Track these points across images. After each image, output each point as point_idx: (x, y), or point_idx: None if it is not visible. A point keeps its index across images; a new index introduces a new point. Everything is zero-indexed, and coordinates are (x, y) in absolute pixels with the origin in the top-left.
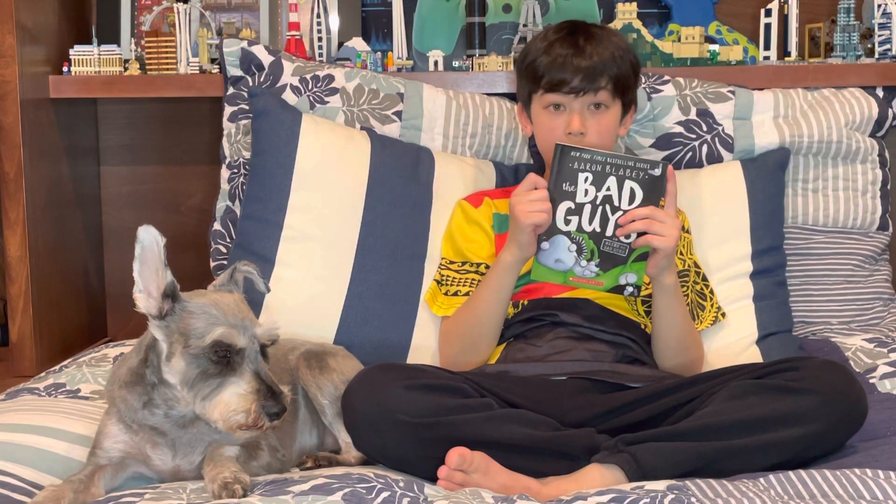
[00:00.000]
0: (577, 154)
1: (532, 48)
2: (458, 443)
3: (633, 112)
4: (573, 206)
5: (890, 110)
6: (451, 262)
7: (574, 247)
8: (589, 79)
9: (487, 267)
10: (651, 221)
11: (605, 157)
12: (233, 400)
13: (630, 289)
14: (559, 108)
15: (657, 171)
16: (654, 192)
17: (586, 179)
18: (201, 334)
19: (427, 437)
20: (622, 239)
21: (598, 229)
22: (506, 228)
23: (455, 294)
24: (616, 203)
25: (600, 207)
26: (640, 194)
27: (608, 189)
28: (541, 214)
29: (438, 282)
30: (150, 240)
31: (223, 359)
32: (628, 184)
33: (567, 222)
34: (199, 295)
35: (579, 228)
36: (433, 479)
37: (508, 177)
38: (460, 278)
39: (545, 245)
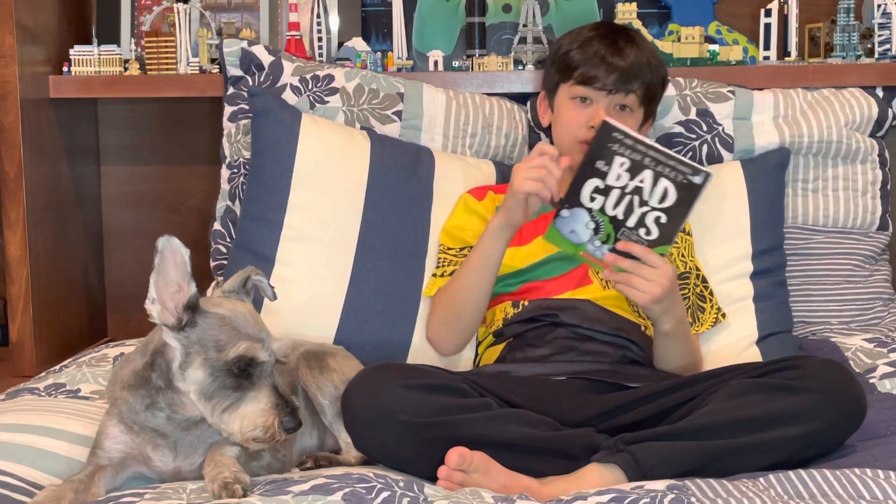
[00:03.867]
0: (621, 136)
1: (567, 40)
2: (458, 443)
3: (651, 124)
4: (602, 186)
5: (890, 110)
6: (449, 248)
7: (592, 224)
8: (623, 80)
9: None
10: (637, 269)
11: (648, 149)
12: (253, 414)
13: None
14: (586, 102)
15: (698, 179)
16: (688, 200)
17: (622, 164)
18: (223, 347)
19: (426, 436)
20: (641, 234)
21: (620, 217)
22: None
23: (451, 274)
24: (646, 198)
25: (628, 196)
26: (672, 197)
27: (642, 181)
28: (534, 183)
29: (434, 271)
30: (171, 251)
31: (243, 372)
32: (664, 182)
33: (592, 199)
34: (213, 304)
35: (602, 210)
36: (433, 479)
37: (508, 176)
38: (457, 260)
39: (565, 213)
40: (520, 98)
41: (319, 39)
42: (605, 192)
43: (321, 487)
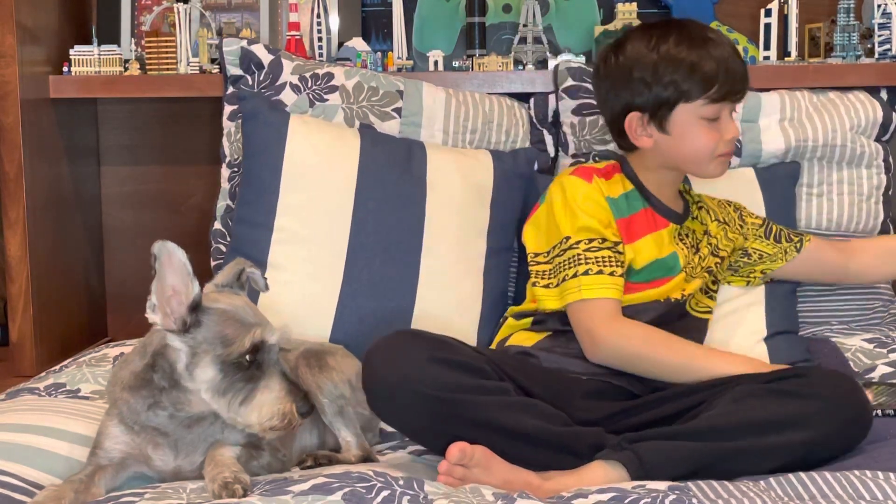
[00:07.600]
0: None
1: (673, 53)
2: (470, 423)
3: None
4: None
5: (894, 114)
6: (591, 240)
7: None
8: (746, 83)
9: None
10: None
11: None
12: (270, 403)
13: None
14: (714, 119)
15: None
16: None
17: None
18: (231, 341)
19: (441, 411)
20: None
21: None
22: (621, 215)
23: (599, 273)
24: None
25: None
26: None
27: None
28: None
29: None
30: (168, 255)
31: (253, 363)
32: None
33: None
34: (211, 300)
35: None
36: (444, 453)
37: (507, 163)
38: (612, 255)
39: None
40: (520, 97)
41: (319, 39)
42: None
43: (321, 487)
